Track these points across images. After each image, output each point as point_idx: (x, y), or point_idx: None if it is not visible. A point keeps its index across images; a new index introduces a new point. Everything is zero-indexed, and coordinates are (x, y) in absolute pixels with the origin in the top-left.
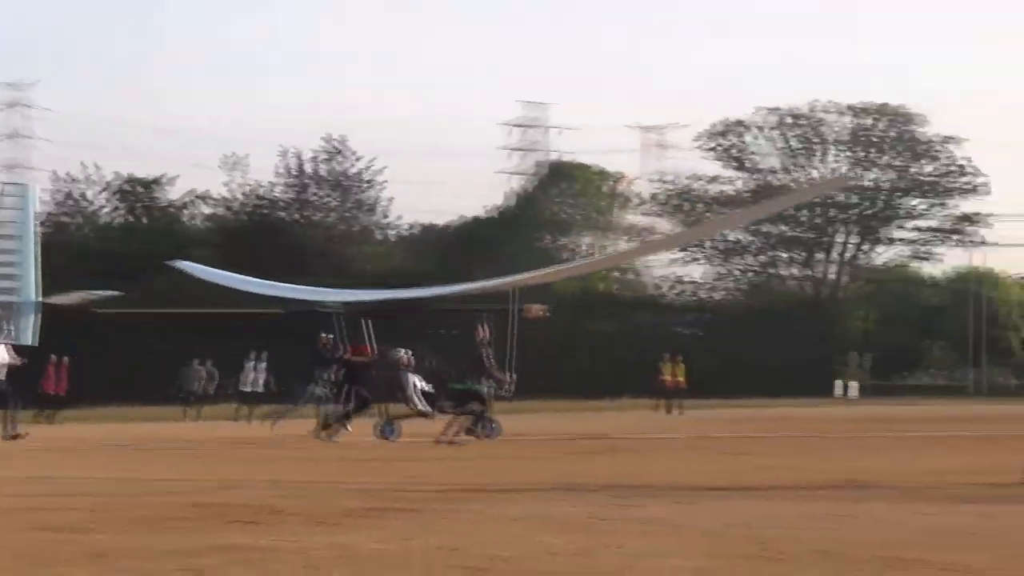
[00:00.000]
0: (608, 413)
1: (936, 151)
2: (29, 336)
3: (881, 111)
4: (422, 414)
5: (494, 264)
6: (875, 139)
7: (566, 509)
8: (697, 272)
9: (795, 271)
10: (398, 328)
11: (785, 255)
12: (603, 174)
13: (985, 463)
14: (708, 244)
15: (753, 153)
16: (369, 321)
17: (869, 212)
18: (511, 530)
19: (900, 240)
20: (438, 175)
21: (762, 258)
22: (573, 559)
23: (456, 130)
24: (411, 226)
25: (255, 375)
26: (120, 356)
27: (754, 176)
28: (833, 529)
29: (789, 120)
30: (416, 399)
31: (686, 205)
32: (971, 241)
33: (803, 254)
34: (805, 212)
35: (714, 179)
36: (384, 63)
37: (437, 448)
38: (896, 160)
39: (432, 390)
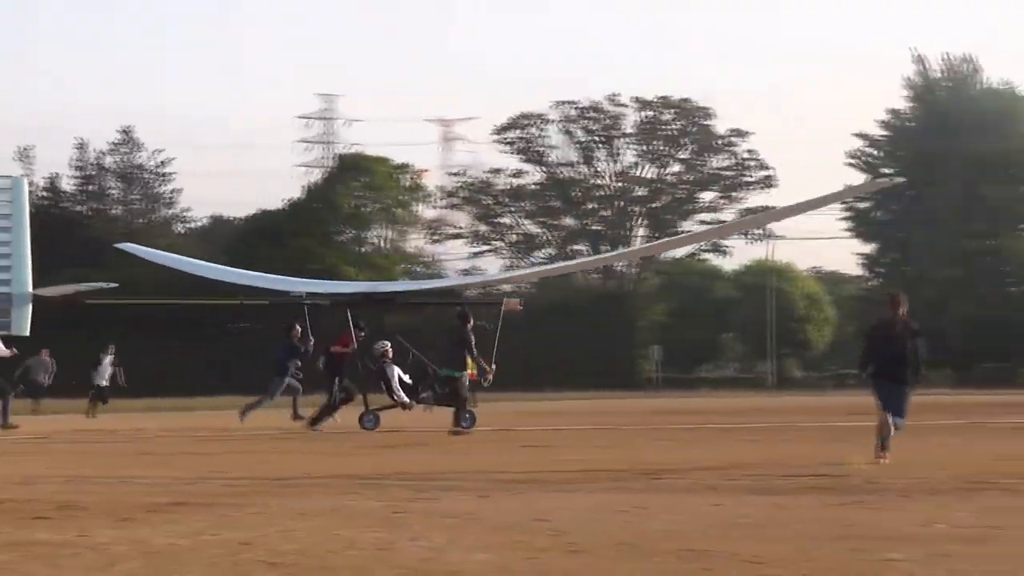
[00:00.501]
0: None
1: (725, 145)
2: (25, 327)
3: (671, 105)
4: (403, 405)
5: (284, 257)
6: (667, 133)
7: (367, 503)
8: (491, 265)
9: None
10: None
11: (580, 248)
12: (400, 167)
13: (777, 455)
14: (505, 238)
15: (548, 147)
16: (351, 312)
17: (661, 205)
18: (311, 524)
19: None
20: (246, 168)
21: (554, 251)
22: (374, 553)
23: (261, 123)
24: (203, 219)
25: (109, 369)
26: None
27: (548, 169)
28: (630, 521)
29: (583, 114)
30: (399, 391)
31: (480, 198)
32: (760, 234)
33: (598, 247)
34: (598, 205)
35: (511, 173)
36: (189, 55)
37: (238, 442)
38: (687, 154)
39: (411, 382)
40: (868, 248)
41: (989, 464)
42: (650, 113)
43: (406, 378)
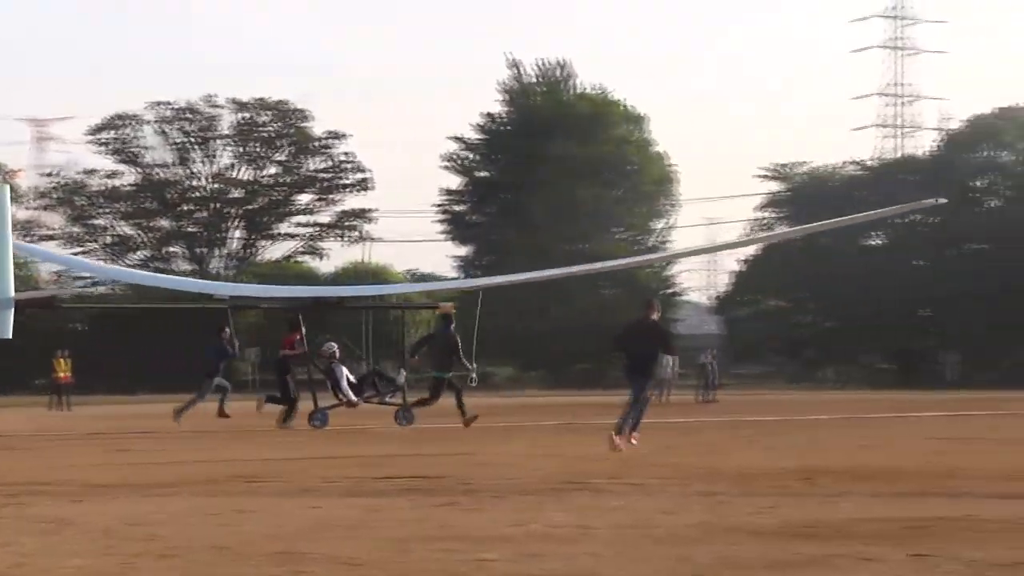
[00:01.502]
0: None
1: (322, 147)
2: (7, 331)
3: (268, 106)
4: (349, 403)
5: None
6: (264, 135)
7: None
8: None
9: (186, 266)
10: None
11: (176, 250)
12: None
13: (375, 456)
14: (99, 240)
15: (142, 147)
16: (301, 316)
17: (258, 207)
18: None
19: (289, 235)
20: None
21: (151, 253)
22: None
23: None
24: None
25: None
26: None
27: (144, 170)
28: (227, 524)
29: (178, 115)
30: (346, 390)
31: (74, 199)
32: (358, 236)
33: (194, 249)
34: (193, 207)
35: (106, 174)
36: None
37: None
38: (284, 156)
39: (356, 381)
40: (464, 250)
41: (579, 465)
42: (247, 115)
43: (352, 378)
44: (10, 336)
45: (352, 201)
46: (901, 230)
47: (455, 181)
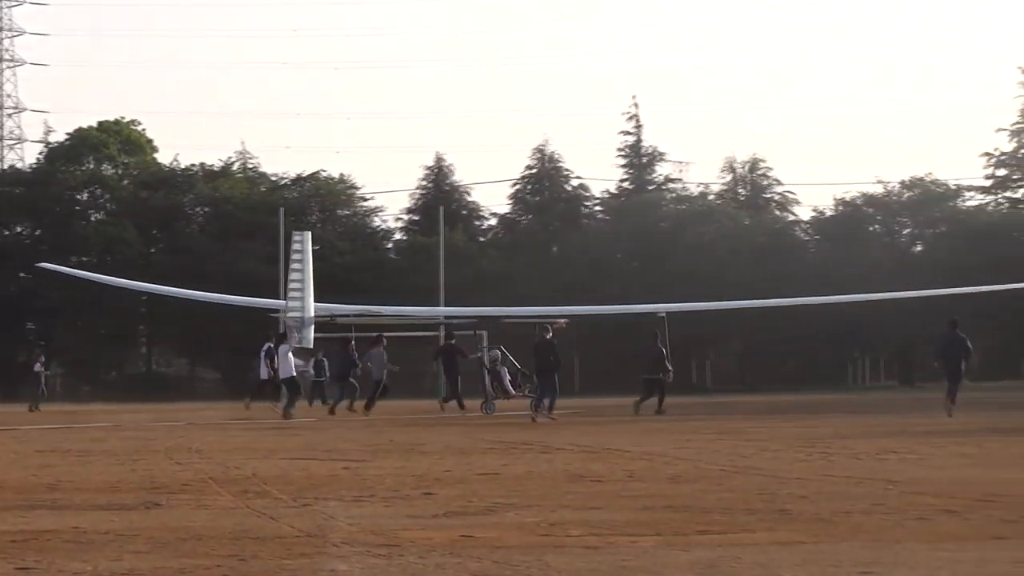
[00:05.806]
0: None
1: None
2: (311, 341)
3: None
4: (507, 396)
5: None
6: None
7: None
8: None
9: None
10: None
11: None
12: None
13: None
14: None
15: None
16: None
17: None
18: None
19: None
20: None
21: None
22: None
23: None
24: None
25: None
26: None
27: None
28: None
29: None
30: (507, 387)
31: None
32: None
33: None
34: None
35: None
36: None
37: None
38: None
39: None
40: None
41: None
42: None
43: (509, 376)
44: (311, 346)
45: None
46: None
47: None
